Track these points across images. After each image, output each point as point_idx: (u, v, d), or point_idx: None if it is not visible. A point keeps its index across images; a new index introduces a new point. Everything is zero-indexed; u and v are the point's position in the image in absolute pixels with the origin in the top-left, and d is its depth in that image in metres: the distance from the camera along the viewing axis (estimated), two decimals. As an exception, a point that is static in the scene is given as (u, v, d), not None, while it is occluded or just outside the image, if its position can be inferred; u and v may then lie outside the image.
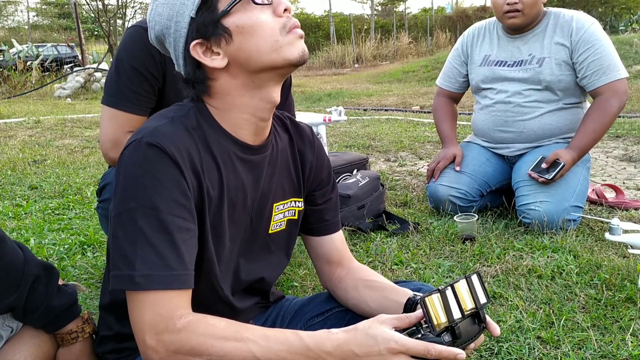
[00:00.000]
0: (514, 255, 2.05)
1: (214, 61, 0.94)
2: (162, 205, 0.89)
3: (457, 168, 2.56)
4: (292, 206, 1.16)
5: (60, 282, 1.20)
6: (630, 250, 1.76)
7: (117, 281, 0.89)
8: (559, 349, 1.45)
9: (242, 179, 1.04)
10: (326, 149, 2.70)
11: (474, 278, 0.89)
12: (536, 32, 2.44)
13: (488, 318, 0.91)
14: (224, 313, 1.01)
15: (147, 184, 0.89)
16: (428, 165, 2.67)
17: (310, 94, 9.01)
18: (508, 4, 2.35)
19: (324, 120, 2.61)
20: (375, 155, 4.15)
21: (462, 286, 0.87)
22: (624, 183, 3.12)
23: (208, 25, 0.93)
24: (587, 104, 2.49)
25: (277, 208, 1.13)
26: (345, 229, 2.38)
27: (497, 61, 2.52)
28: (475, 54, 2.61)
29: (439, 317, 0.83)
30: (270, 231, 1.13)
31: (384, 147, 4.41)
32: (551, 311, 1.63)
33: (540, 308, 1.66)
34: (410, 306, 1.01)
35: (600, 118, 2.31)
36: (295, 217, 1.17)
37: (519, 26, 2.42)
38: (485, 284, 1.77)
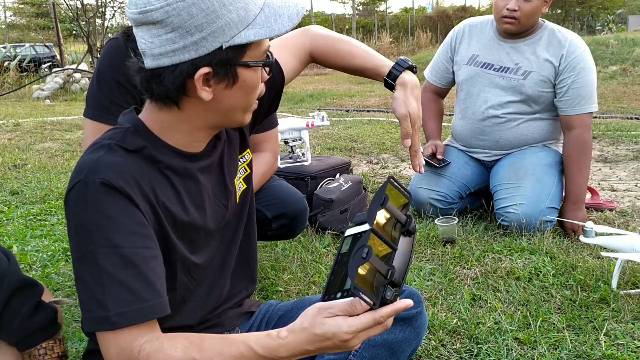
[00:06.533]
0: (493, 257, 2.10)
1: (203, 92, 0.93)
2: (122, 241, 0.89)
3: (440, 157, 2.62)
4: (243, 171, 1.21)
5: (50, 297, 1.20)
6: (603, 253, 1.83)
7: (92, 324, 0.90)
8: (535, 349, 1.50)
9: (201, 181, 1.07)
10: (309, 153, 2.73)
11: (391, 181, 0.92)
12: (528, 42, 2.47)
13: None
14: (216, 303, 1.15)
15: (101, 224, 0.89)
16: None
17: (293, 95, 9.02)
18: (507, 9, 2.38)
19: (307, 125, 2.64)
20: (357, 157, 4.19)
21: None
22: (599, 184, 3.20)
23: (227, 64, 0.92)
24: None
25: (236, 182, 1.19)
26: (328, 233, 2.42)
27: (484, 63, 2.55)
28: (462, 50, 2.63)
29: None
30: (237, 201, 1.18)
31: (366, 149, 4.45)
32: (528, 312, 1.68)
33: (518, 309, 1.71)
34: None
35: (582, 156, 2.40)
36: (245, 186, 1.22)
37: (512, 32, 2.46)
38: (459, 279, 1.82)
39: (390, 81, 1.33)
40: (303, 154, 2.74)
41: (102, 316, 0.88)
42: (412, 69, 1.33)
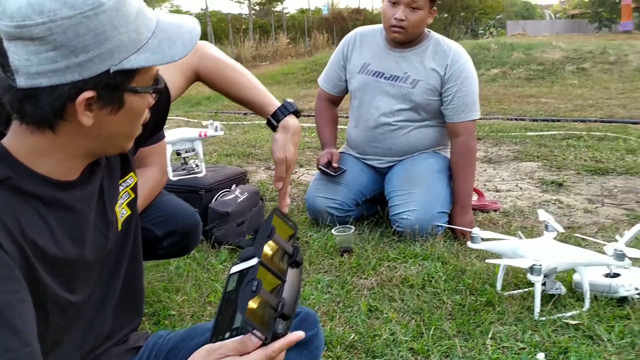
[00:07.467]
0: (388, 265, 2.14)
1: (85, 117, 0.85)
2: None
3: (335, 165, 2.64)
4: (126, 196, 1.13)
5: None
6: (488, 260, 1.92)
7: None
8: (428, 358, 1.53)
9: (78, 211, 0.98)
10: (203, 164, 2.63)
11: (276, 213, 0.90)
12: (415, 52, 2.55)
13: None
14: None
15: None
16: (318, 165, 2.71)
17: (189, 98, 8.75)
18: (395, 19, 2.44)
19: (200, 135, 2.55)
20: (255, 164, 4.14)
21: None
22: (484, 185, 3.39)
23: (114, 89, 0.85)
24: None
25: (117, 209, 1.10)
26: (224, 247, 2.35)
27: (375, 71, 2.60)
28: (354, 58, 2.66)
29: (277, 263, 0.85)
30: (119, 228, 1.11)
31: (265, 154, 4.41)
32: (422, 321, 1.72)
33: (412, 319, 1.75)
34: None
35: (468, 162, 2.55)
36: (129, 212, 1.14)
37: (400, 41, 2.52)
38: (356, 289, 1.83)
39: (273, 121, 1.36)
40: (197, 165, 2.64)
41: None
42: (296, 113, 1.37)
